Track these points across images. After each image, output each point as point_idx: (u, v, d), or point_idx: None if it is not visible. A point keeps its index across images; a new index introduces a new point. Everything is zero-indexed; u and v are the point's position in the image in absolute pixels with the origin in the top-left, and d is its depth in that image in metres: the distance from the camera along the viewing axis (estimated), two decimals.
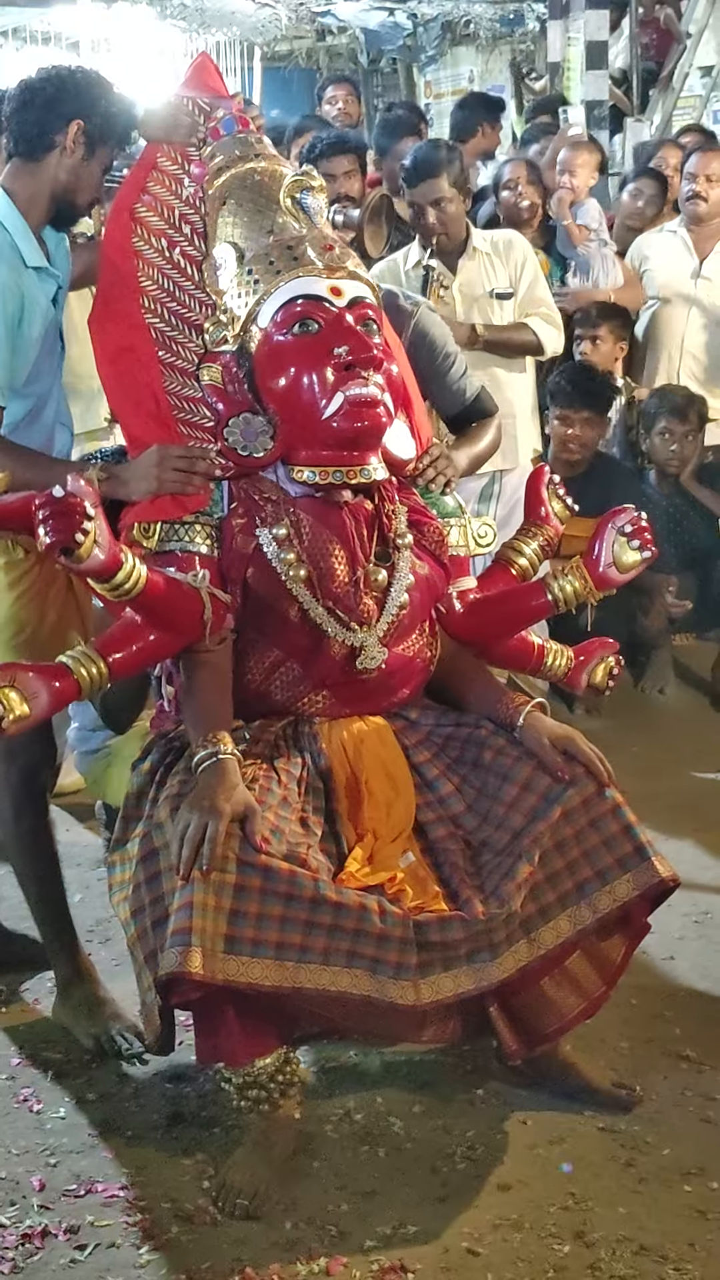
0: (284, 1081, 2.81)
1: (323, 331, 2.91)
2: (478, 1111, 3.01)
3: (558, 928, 2.86)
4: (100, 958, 3.52)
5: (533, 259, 4.87)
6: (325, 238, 3.04)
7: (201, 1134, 2.95)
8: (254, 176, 3.12)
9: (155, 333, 3.06)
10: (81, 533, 2.65)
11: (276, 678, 2.95)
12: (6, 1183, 2.83)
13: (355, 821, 2.90)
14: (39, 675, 2.79)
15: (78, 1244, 2.65)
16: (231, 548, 2.92)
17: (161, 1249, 2.63)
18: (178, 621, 2.89)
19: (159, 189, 3.15)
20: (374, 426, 2.91)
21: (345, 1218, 2.70)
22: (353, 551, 2.91)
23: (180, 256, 3.10)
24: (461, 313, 4.60)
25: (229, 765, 2.75)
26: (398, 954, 2.70)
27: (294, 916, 2.66)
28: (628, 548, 3.01)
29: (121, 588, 2.77)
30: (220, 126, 3.19)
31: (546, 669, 3.17)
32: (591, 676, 3.16)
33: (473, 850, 2.91)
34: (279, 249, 3.00)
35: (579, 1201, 2.73)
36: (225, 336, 3.01)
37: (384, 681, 2.97)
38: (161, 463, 2.92)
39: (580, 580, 3.05)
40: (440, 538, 3.09)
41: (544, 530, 3.19)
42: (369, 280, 3.06)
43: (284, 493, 2.95)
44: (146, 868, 2.81)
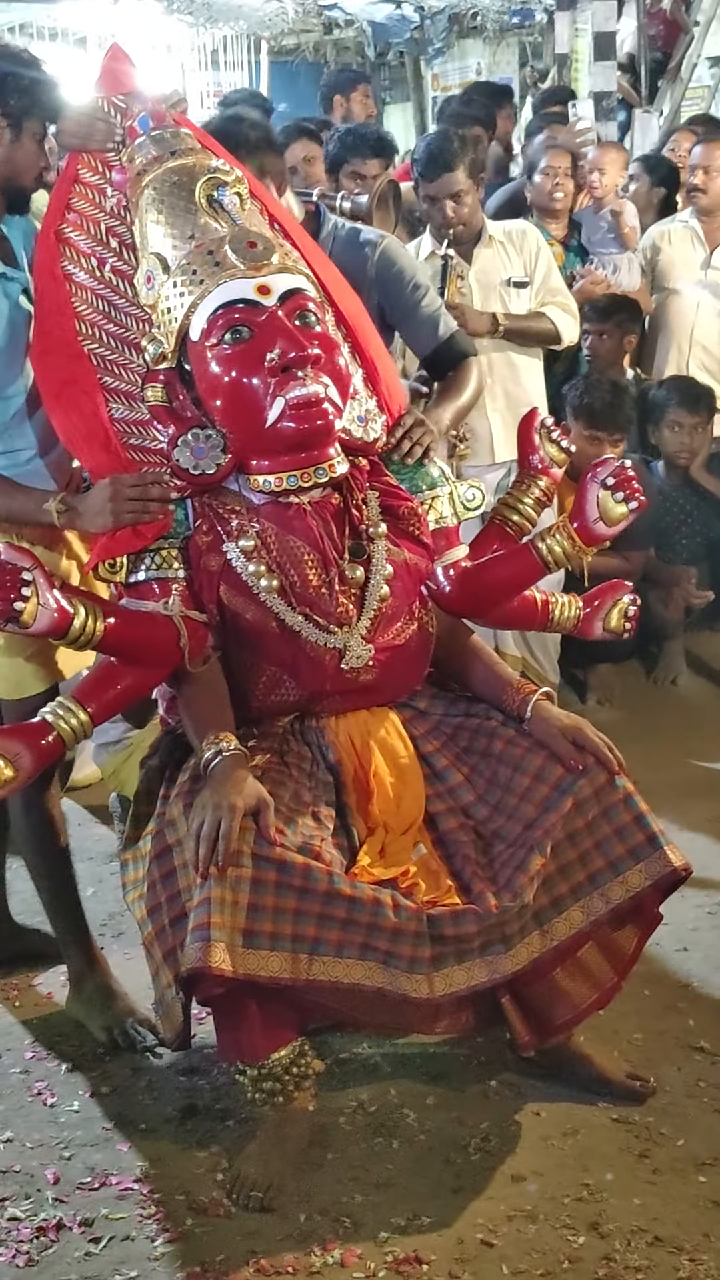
0: (298, 1074, 2.81)
1: (255, 336, 2.84)
2: (491, 1103, 3.01)
3: (570, 918, 2.85)
4: (113, 951, 3.52)
5: (546, 249, 4.85)
6: (248, 234, 2.94)
7: (215, 1126, 2.96)
8: (172, 178, 3.01)
9: (95, 359, 3.00)
10: (21, 600, 2.66)
11: (275, 691, 2.93)
12: (21, 1176, 2.83)
13: (365, 814, 2.90)
14: (18, 737, 2.79)
15: (92, 1236, 2.66)
16: (201, 566, 2.89)
17: (176, 1241, 2.64)
18: (154, 655, 2.88)
19: (83, 204, 3.07)
20: (321, 425, 2.84)
21: (359, 1209, 2.71)
22: (323, 553, 2.88)
23: (111, 274, 3.05)
24: (478, 301, 4.58)
25: (237, 760, 2.74)
26: (411, 948, 2.70)
27: (308, 910, 2.66)
28: (613, 500, 2.93)
29: (79, 640, 2.78)
30: (136, 125, 3.07)
31: (555, 622, 3.11)
32: (606, 622, 3.09)
33: (484, 841, 2.90)
34: (200, 255, 2.91)
35: (593, 1193, 2.73)
36: (163, 353, 2.94)
37: (382, 674, 2.95)
38: (115, 495, 2.87)
39: (569, 539, 2.97)
40: (417, 518, 3.02)
41: (539, 480, 3.09)
42: (301, 269, 2.99)
43: (247, 502, 2.91)
44: (160, 865, 2.81)
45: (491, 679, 3.06)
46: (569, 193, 5.69)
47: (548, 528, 3.02)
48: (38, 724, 2.82)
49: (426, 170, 4.51)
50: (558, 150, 5.74)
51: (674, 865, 2.88)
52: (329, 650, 2.88)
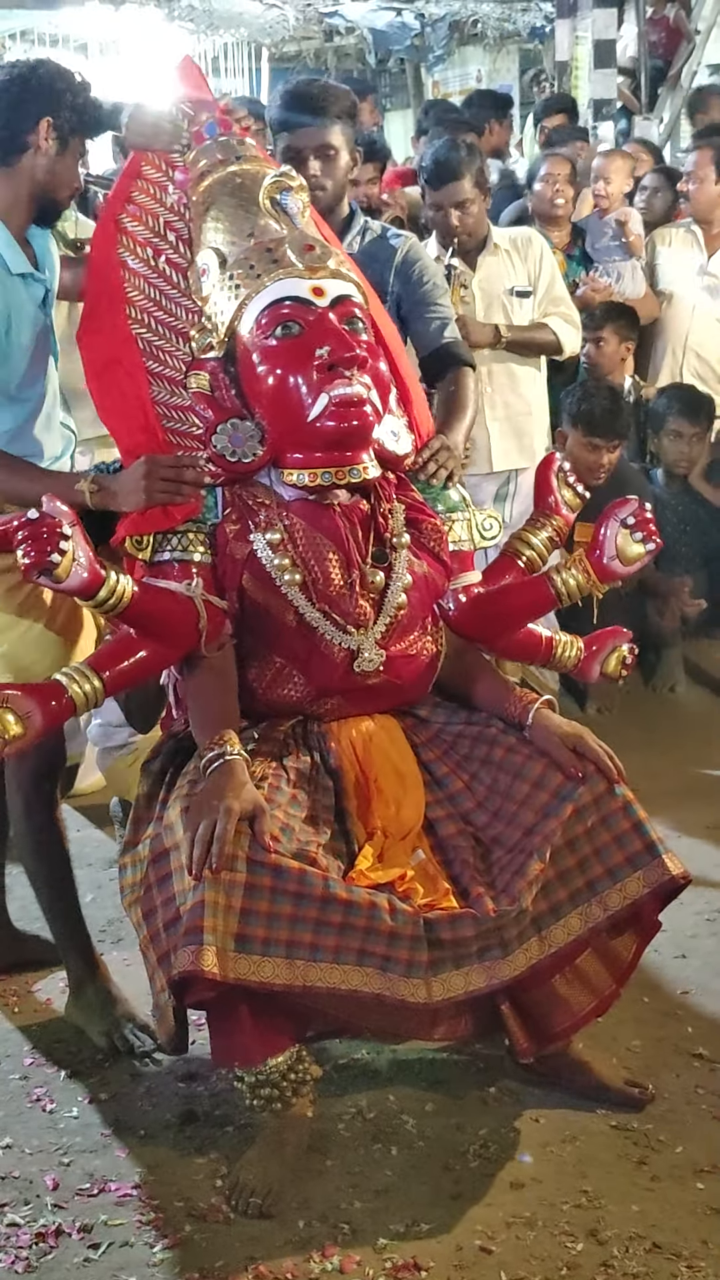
0: (296, 1080, 2.81)
1: (305, 333, 2.90)
2: (490, 1110, 3.01)
3: (569, 925, 2.85)
4: (112, 957, 3.53)
5: (550, 257, 4.86)
6: (306, 238, 3.03)
7: (214, 1133, 2.96)
8: (236, 180, 3.12)
9: (142, 343, 3.06)
10: (58, 553, 2.67)
11: (282, 685, 2.95)
12: (20, 1182, 2.83)
13: (365, 820, 2.91)
14: (32, 695, 2.80)
15: (91, 1243, 2.66)
16: (226, 554, 2.92)
17: (175, 1247, 2.64)
18: (172, 633, 2.90)
19: (143, 198, 3.16)
20: (360, 426, 2.90)
21: (358, 1215, 2.71)
22: (347, 554, 2.91)
23: (166, 265, 3.11)
24: (481, 309, 4.60)
25: (237, 765, 2.75)
26: (408, 952, 2.70)
27: (304, 915, 2.66)
28: (631, 540, 2.99)
29: (106, 604, 2.79)
30: (203, 131, 3.18)
31: (556, 660, 3.15)
32: (604, 666, 3.14)
33: (483, 847, 2.91)
34: (259, 252, 2.99)
35: (592, 1199, 2.73)
36: (211, 343, 3.01)
37: (389, 682, 2.97)
38: (150, 474, 2.91)
39: (584, 573, 3.03)
40: (439, 534, 3.07)
41: (552, 520, 3.16)
42: (353, 278, 3.05)
43: (277, 497, 2.95)
44: (158, 869, 2.81)
45: (494, 690, 3.08)
46: (569, 199, 5.71)
47: (563, 561, 3.08)
48: (51, 685, 2.83)
49: (433, 179, 4.54)
50: (557, 158, 5.77)
51: (672, 873, 2.88)
52: (343, 650, 2.90)
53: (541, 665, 3.17)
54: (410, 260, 3.74)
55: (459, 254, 4.54)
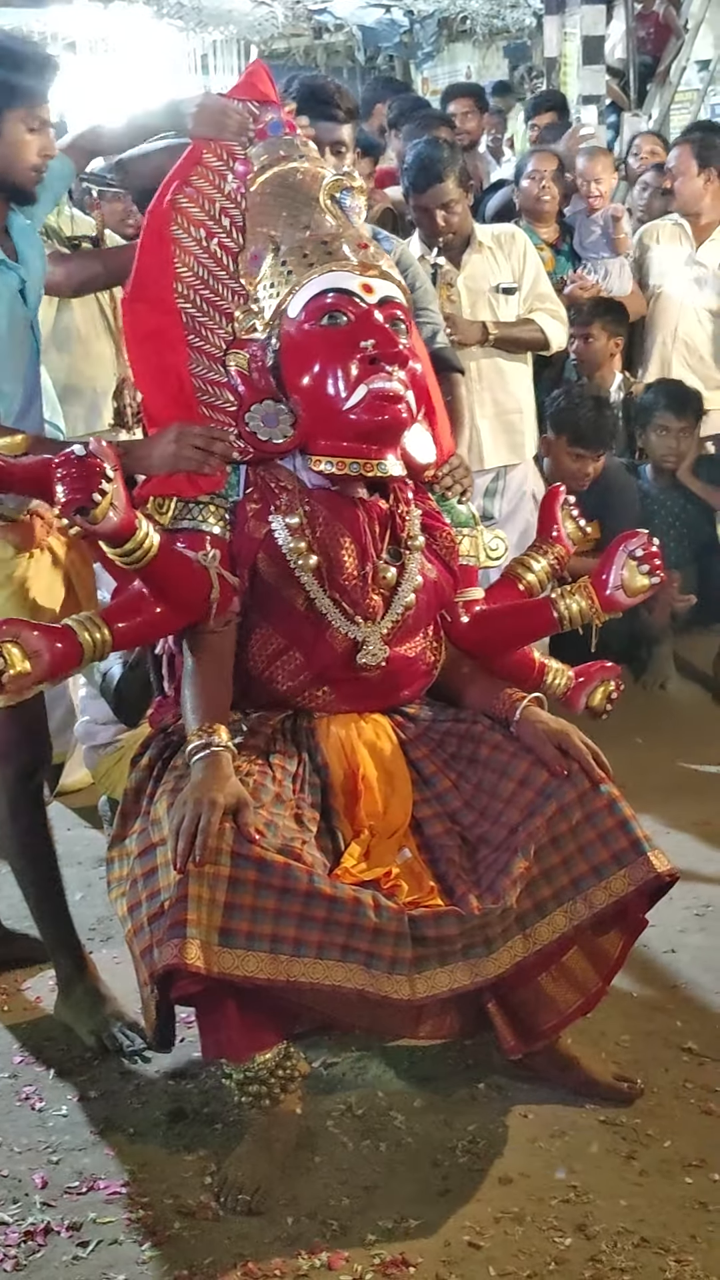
0: (285, 1076, 2.81)
1: (351, 325, 2.93)
2: (478, 1105, 3.02)
3: (553, 923, 2.86)
4: (101, 955, 3.53)
5: (534, 253, 4.87)
6: (361, 237, 3.08)
7: (203, 1130, 2.96)
8: (295, 175, 3.15)
9: (186, 317, 3.08)
10: (100, 493, 2.67)
11: (279, 666, 2.96)
12: (9, 1180, 2.83)
13: (352, 817, 2.91)
14: (43, 634, 2.80)
15: (80, 1241, 2.66)
16: (244, 531, 2.95)
17: (164, 1245, 2.64)
18: (185, 597, 2.91)
19: (202, 182, 3.17)
20: (395, 421, 2.92)
21: (347, 1212, 2.71)
22: (364, 546, 2.93)
23: (218, 247, 3.13)
24: (467, 307, 4.60)
25: (223, 758, 2.76)
26: (392, 949, 2.70)
27: (288, 910, 2.66)
28: (638, 572, 3.03)
29: (133, 554, 2.79)
30: (267, 129, 3.21)
31: (546, 686, 3.18)
32: (590, 699, 3.18)
33: (470, 846, 2.91)
34: (314, 243, 3.02)
35: (580, 1194, 2.74)
36: (255, 325, 3.03)
37: (385, 681, 2.98)
38: (180, 439, 2.94)
39: (587, 600, 3.07)
40: (452, 544, 3.11)
41: (554, 549, 3.21)
42: (400, 282, 3.09)
43: (300, 482, 2.97)
44: (144, 863, 2.82)
45: (484, 689, 3.09)
46: (555, 196, 5.71)
47: (568, 586, 3.10)
48: (61, 628, 2.84)
49: (417, 181, 4.54)
50: (544, 154, 5.77)
51: (658, 871, 2.88)
52: (347, 640, 2.92)
53: (532, 689, 3.19)
54: (402, 266, 3.75)
55: (444, 253, 4.54)
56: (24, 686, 2.80)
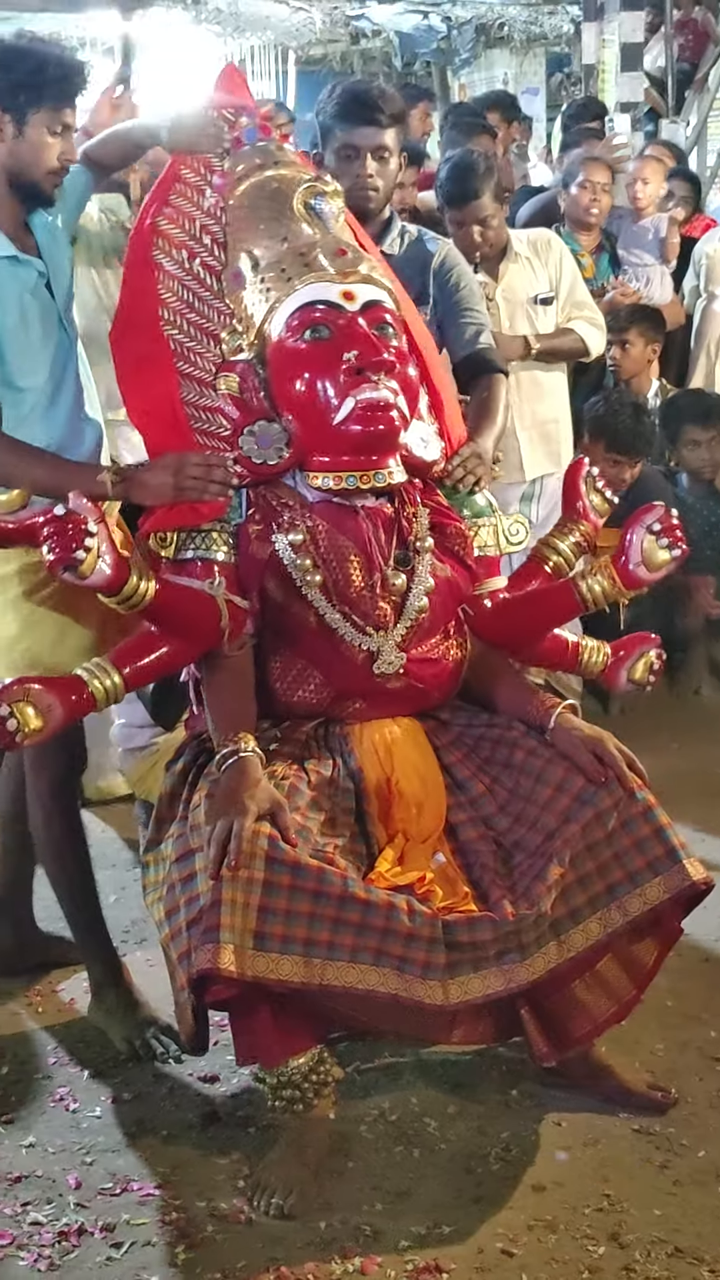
0: (318, 1081, 2.81)
1: (334, 336, 2.91)
2: (512, 1113, 3.01)
3: (588, 930, 2.85)
4: (135, 959, 3.54)
5: (570, 259, 4.85)
6: (339, 242, 3.05)
7: (236, 1134, 2.97)
8: (272, 184, 3.13)
9: (174, 344, 3.07)
10: (83, 549, 2.69)
11: (303, 686, 2.96)
12: (43, 1180, 2.85)
13: (386, 822, 2.91)
14: (53, 689, 2.81)
15: (114, 1242, 2.67)
16: (248, 554, 2.94)
17: (197, 1248, 2.65)
18: (194, 630, 2.91)
19: (181, 201, 3.17)
20: (387, 430, 2.90)
21: (380, 1217, 2.71)
22: (370, 556, 2.92)
23: (200, 267, 3.12)
24: (505, 318, 4.58)
25: (251, 763, 2.76)
26: (426, 953, 2.70)
27: (322, 914, 2.66)
28: (657, 546, 2.99)
29: (129, 600, 2.81)
30: (243, 136, 3.20)
31: (582, 666, 3.15)
32: (631, 672, 3.12)
33: (504, 851, 2.90)
34: (291, 256, 3.01)
35: (614, 1203, 2.73)
36: (241, 345, 3.03)
37: (410, 685, 2.97)
38: (179, 469, 2.93)
39: (609, 580, 3.02)
40: (463, 539, 3.08)
41: (580, 525, 3.15)
42: (386, 284, 3.06)
43: (301, 498, 2.96)
44: (181, 868, 2.82)
45: (517, 693, 3.08)
46: (605, 209, 5.69)
47: (589, 567, 3.07)
48: (72, 679, 2.85)
49: (452, 197, 4.52)
50: (597, 164, 5.73)
51: (693, 879, 2.88)
52: (362, 652, 2.91)
53: (568, 671, 3.17)
54: (448, 265, 3.75)
55: (481, 264, 4.52)
56: (40, 742, 2.83)
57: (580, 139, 6.76)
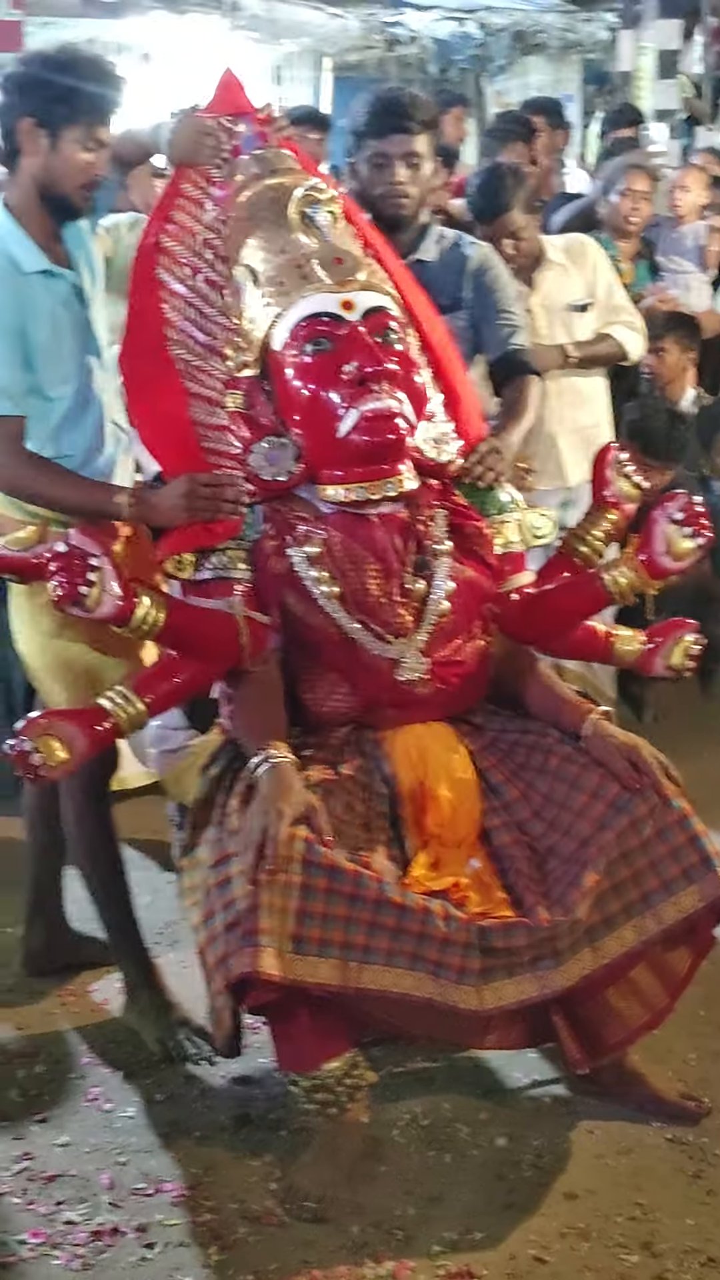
0: (352, 1085, 2.81)
1: (334, 349, 2.91)
2: (544, 1119, 3.01)
3: (622, 937, 2.84)
4: (169, 959, 3.55)
5: (606, 263, 4.83)
6: (336, 251, 3.02)
7: (269, 1136, 2.97)
8: (270, 194, 3.12)
9: (181, 363, 3.08)
10: (87, 584, 2.72)
11: (332, 696, 2.96)
12: (77, 1180, 2.86)
13: (419, 827, 2.91)
14: (75, 720, 2.84)
15: (147, 1242, 2.68)
16: (265, 569, 2.94)
17: (230, 1249, 2.66)
18: (214, 651, 2.93)
19: (182, 216, 3.17)
20: (393, 440, 2.90)
21: (412, 1222, 2.71)
22: (387, 564, 2.92)
23: (204, 284, 3.12)
24: (543, 326, 4.57)
25: (284, 768, 2.77)
26: (461, 958, 2.70)
27: (358, 917, 2.67)
28: (680, 535, 2.94)
29: (140, 630, 2.83)
30: (241, 144, 3.18)
31: (615, 654, 3.13)
32: (668, 658, 3.08)
33: (538, 857, 2.90)
34: (289, 268, 3.00)
35: (646, 1212, 2.73)
36: (246, 361, 3.03)
37: (439, 689, 2.97)
38: (191, 492, 2.93)
39: (634, 571, 2.99)
40: (483, 538, 3.06)
41: (608, 514, 3.11)
42: (387, 289, 3.05)
43: (316, 510, 2.96)
44: (217, 873, 2.83)
45: (549, 698, 3.07)
46: (645, 217, 5.68)
47: (615, 559, 3.04)
48: (94, 710, 2.87)
49: (482, 213, 4.52)
50: (639, 172, 5.71)
51: None
52: (384, 660, 2.91)
53: (601, 661, 3.14)
54: (484, 268, 3.75)
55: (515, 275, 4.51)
56: (66, 774, 2.86)
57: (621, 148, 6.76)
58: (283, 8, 11.39)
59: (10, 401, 3.06)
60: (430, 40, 12.56)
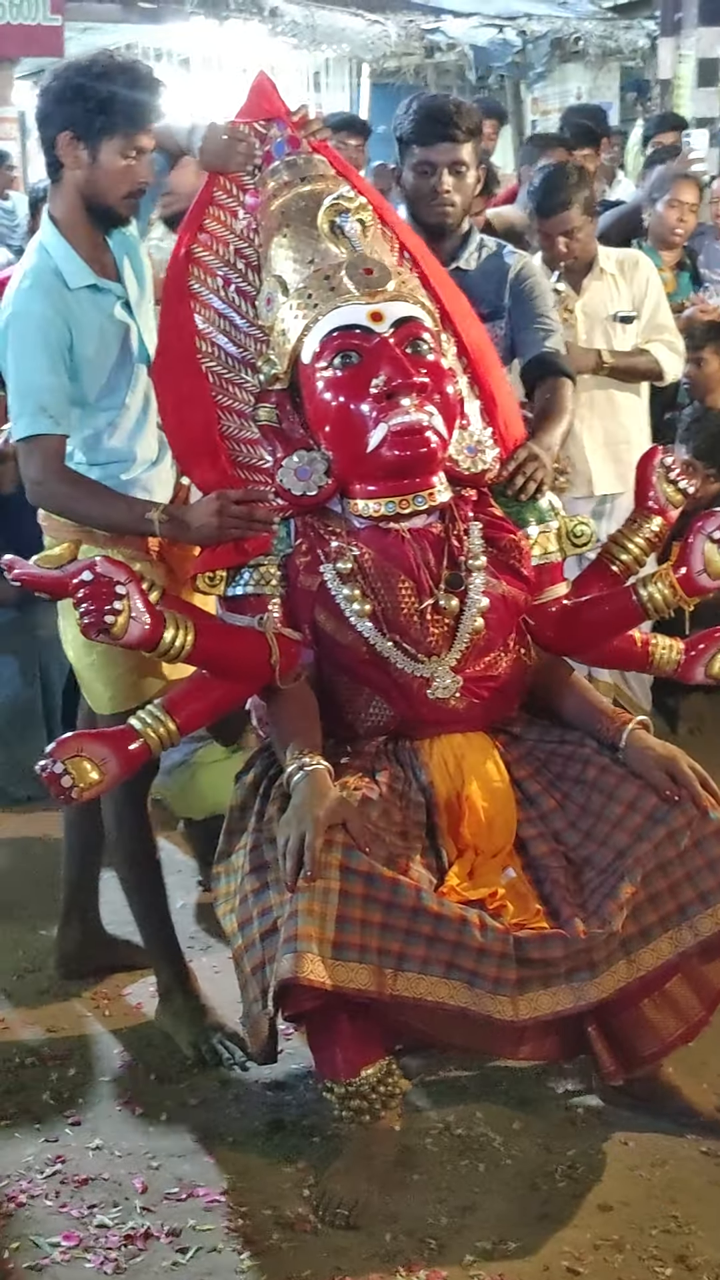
0: (386, 1093, 2.81)
1: (363, 361, 2.88)
2: (578, 1130, 3.00)
3: (658, 949, 2.83)
4: (201, 964, 3.56)
5: (657, 282, 4.81)
6: (365, 261, 2.99)
7: (302, 1142, 2.97)
8: (299, 203, 3.09)
9: (213, 377, 3.06)
10: (112, 613, 2.73)
11: (367, 710, 2.96)
12: (110, 1184, 2.86)
13: (455, 836, 2.91)
14: (106, 741, 2.85)
15: (179, 1247, 2.68)
16: (298, 586, 2.94)
17: (262, 1255, 2.66)
18: (244, 670, 2.94)
19: (214, 225, 3.15)
20: (422, 454, 2.88)
21: (445, 1231, 2.71)
22: (420, 581, 2.91)
23: (236, 294, 3.11)
24: (584, 332, 4.57)
25: (319, 775, 2.77)
26: (497, 969, 2.70)
27: (394, 924, 2.67)
28: (719, 554, 2.95)
29: (169, 653, 2.84)
30: (273, 150, 3.15)
31: (654, 664, 3.11)
32: (709, 667, 3.07)
33: (575, 867, 2.90)
34: (318, 280, 2.98)
35: (681, 1225, 2.72)
36: (276, 374, 3.02)
37: (473, 703, 2.96)
38: (221, 509, 2.92)
39: (670, 588, 2.99)
40: (519, 550, 3.04)
41: (651, 521, 3.10)
42: (419, 298, 3.03)
43: (348, 524, 2.95)
44: (254, 880, 2.84)
45: (586, 709, 3.06)
46: (690, 227, 5.66)
47: (651, 574, 3.04)
48: (125, 730, 2.88)
49: (542, 207, 4.52)
50: (687, 183, 5.68)
51: None
52: (417, 678, 2.91)
53: (640, 670, 3.13)
54: (523, 276, 3.75)
55: (565, 277, 4.52)
56: (98, 794, 2.88)
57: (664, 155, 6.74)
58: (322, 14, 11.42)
59: (51, 420, 3.06)
60: (469, 47, 12.57)
